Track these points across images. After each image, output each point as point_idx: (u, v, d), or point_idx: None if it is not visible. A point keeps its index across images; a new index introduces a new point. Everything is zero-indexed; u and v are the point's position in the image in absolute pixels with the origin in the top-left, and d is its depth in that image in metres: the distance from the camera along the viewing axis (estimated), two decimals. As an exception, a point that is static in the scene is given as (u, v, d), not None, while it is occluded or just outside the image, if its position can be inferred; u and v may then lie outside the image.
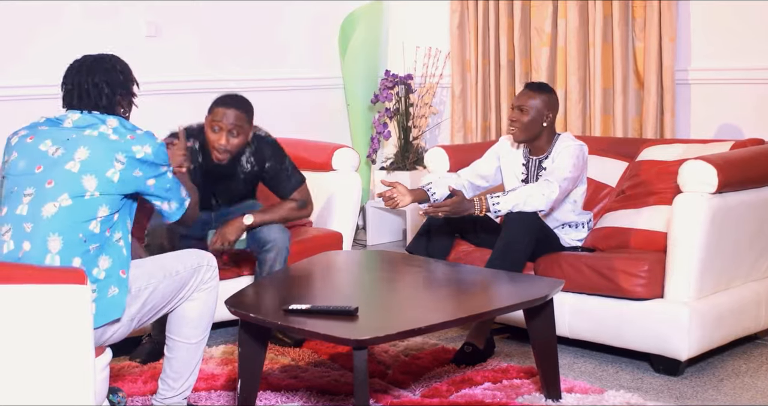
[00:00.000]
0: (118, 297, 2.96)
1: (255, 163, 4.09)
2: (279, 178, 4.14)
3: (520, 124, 4.14)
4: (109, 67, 3.11)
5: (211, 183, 4.10)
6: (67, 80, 3.11)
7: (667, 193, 4.12)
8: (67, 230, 2.90)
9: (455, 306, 3.21)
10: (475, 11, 5.78)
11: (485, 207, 3.94)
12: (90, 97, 3.06)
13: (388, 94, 6.03)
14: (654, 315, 3.78)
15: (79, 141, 2.99)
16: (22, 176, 2.99)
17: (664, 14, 4.96)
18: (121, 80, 3.12)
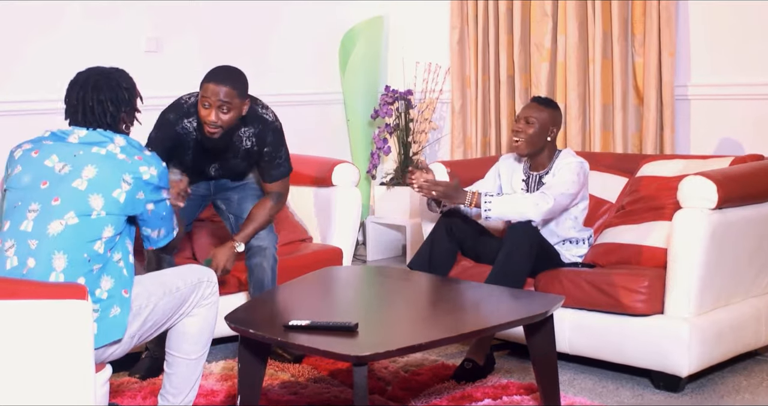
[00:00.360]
0: (120, 317, 2.94)
1: (255, 144, 4.04)
2: (270, 165, 4.10)
3: (526, 136, 4.16)
4: (115, 84, 3.08)
5: (211, 157, 4.06)
6: (71, 95, 3.08)
7: (667, 208, 4.12)
8: (72, 248, 2.89)
9: (455, 322, 3.20)
10: (475, 27, 5.79)
11: (476, 201, 4.01)
12: (94, 114, 3.04)
13: (388, 109, 6.04)
14: (654, 331, 3.78)
15: (86, 158, 2.97)
16: (26, 191, 2.97)
17: (664, 30, 4.97)
18: (126, 98, 3.09)
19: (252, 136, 4.01)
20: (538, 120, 4.16)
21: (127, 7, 5.23)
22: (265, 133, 4.02)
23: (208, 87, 3.80)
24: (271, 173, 4.11)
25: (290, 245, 4.79)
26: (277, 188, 4.15)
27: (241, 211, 4.20)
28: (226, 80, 3.81)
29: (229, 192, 4.23)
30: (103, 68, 3.12)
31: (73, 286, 2.71)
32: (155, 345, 3.91)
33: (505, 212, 3.99)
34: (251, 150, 4.04)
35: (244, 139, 4.01)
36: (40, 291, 2.62)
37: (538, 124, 4.16)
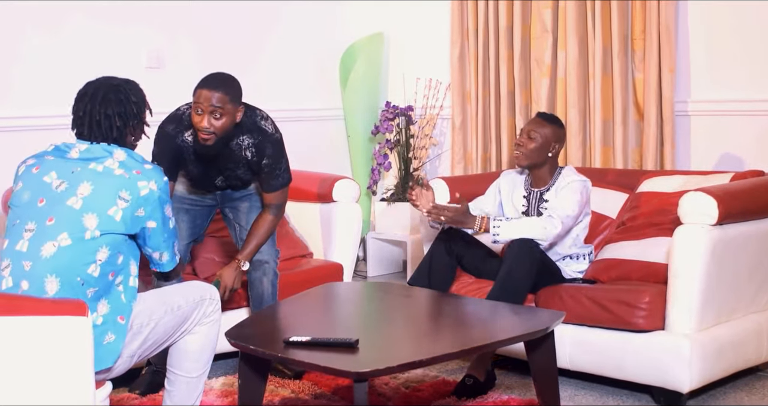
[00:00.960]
0: (114, 344, 2.91)
1: (255, 155, 4.01)
2: (269, 176, 4.06)
3: (526, 150, 4.19)
4: (124, 98, 3.03)
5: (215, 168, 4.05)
6: (79, 106, 3.04)
7: (667, 224, 4.12)
8: (64, 272, 2.85)
9: (456, 338, 3.20)
10: (476, 43, 5.80)
11: (485, 226, 4.01)
12: (101, 127, 3.00)
13: (388, 125, 6.05)
14: (655, 347, 3.77)
15: (83, 175, 2.94)
16: (24, 209, 2.95)
17: (664, 46, 4.99)
18: (134, 112, 3.05)
19: (251, 147, 3.99)
20: (540, 135, 4.18)
21: (128, 22, 5.24)
22: (264, 145, 3.99)
23: (201, 93, 3.77)
24: (271, 183, 4.09)
25: (291, 261, 4.79)
26: (276, 200, 4.13)
27: (248, 221, 4.20)
28: (219, 86, 3.78)
29: (236, 202, 4.24)
30: (113, 80, 3.08)
31: (73, 302, 2.70)
32: (158, 358, 3.89)
33: (514, 235, 3.99)
34: (251, 161, 4.02)
35: (243, 149, 3.99)
36: (40, 307, 2.61)
37: (539, 138, 4.18)
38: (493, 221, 4.02)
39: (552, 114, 4.39)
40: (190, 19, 5.52)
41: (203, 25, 5.57)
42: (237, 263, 4.08)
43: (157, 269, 3.16)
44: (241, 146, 3.97)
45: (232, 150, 3.97)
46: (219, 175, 4.09)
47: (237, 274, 4.08)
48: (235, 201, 4.24)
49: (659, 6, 4.97)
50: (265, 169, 4.04)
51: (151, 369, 4.01)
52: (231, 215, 4.27)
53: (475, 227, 4.04)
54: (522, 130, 4.27)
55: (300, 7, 6.04)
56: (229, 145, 3.94)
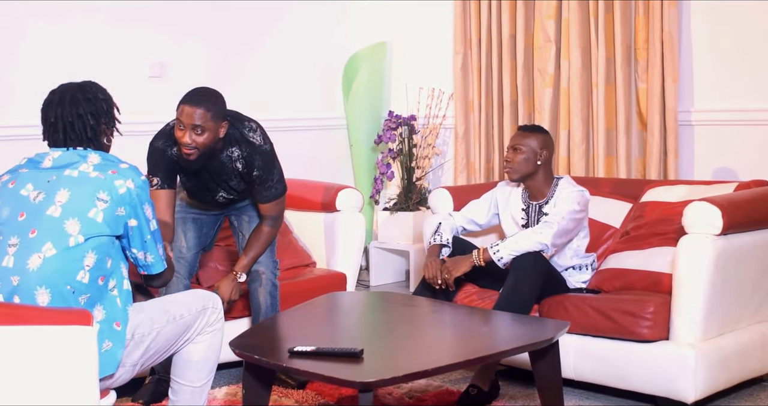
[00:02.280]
0: (113, 351, 2.88)
1: (245, 166, 3.98)
2: (262, 187, 4.04)
3: (514, 163, 4.23)
4: (92, 96, 3.00)
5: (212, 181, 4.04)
6: (49, 113, 2.99)
7: (671, 234, 4.12)
8: (53, 282, 2.81)
9: (461, 348, 3.19)
10: (479, 53, 5.80)
11: (484, 257, 4.08)
12: (75, 130, 2.96)
13: (391, 134, 6.05)
14: (660, 357, 3.76)
15: (59, 183, 2.89)
16: (6, 225, 2.90)
17: (667, 56, 4.99)
18: (104, 109, 3.01)
19: (241, 159, 3.97)
20: (524, 146, 4.21)
21: (131, 32, 5.25)
22: (252, 157, 3.96)
23: (183, 109, 3.76)
24: (264, 194, 4.06)
25: (294, 270, 4.79)
26: (271, 211, 4.11)
27: (250, 230, 4.20)
28: (201, 102, 3.75)
29: (240, 210, 4.24)
30: (74, 83, 3.05)
31: (77, 311, 2.69)
32: (161, 366, 3.88)
33: (515, 248, 4.01)
34: (242, 172, 4.00)
35: (233, 161, 3.96)
36: (44, 317, 2.61)
37: (525, 150, 4.21)
38: (491, 248, 4.07)
39: (533, 124, 4.44)
40: (193, 28, 5.53)
41: (206, 35, 5.58)
42: (233, 275, 4.08)
43: (145, 272, 3.09)
44: (231, 158, 3.96)
45: (223, 163, 3.96)
46: (217, 188, 4.08)
47: (234, 285, 4.08)
48: (239, 209, 4.24)
49: (662, 16, 4.98)
50: (257, 180, 4.02)
51: (154, 378, 4.00)
52: (236, 223, 4.27)
53: (475, 263, 4.10)
54: (507, 147, 4.30)
55: (303, 16, 6.05)
56: (219, 158, 3.93)
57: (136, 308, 3.04)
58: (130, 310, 2.99)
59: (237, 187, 4.08)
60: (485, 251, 4.09)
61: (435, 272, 4.12)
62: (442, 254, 4.26)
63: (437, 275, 4.11)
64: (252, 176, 4.00)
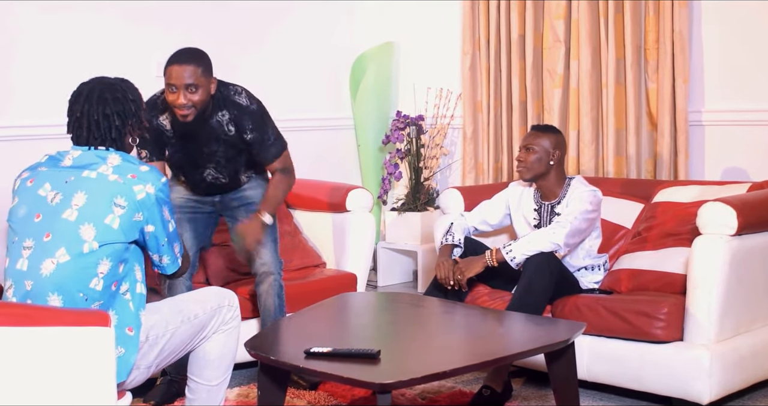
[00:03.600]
0: (125, 357, 2.86)
1: (236, 130, 3.95)
2: (261, 148, 4.01)
3: (527, 163, 4.23)
4: (121, 96, 2.95)
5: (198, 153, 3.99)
6: (75, 107, 2.95)
7: (684, 234, 4.11)
8: (66, 288, 2.79)
9: (478, 350, 3.17)
10: (487, 53, 5.79)
11: (497, 257, 4.07)
12: (100, 129, 2.91)
13: (399, 135, 6.03)
14: (674, 358, 3.75)
15: (77, 184, 2.85)
16: (21, 225, 2.88)
17: (678, 56, 4.97)
18: (132, 110, 2.97)
19: (230, 122, 3.93)
20: (537, 146, 4.22)
21: (138, 31, 5.23)
22: (241, 118, 3.93)
23: (172, 70, 3.74)
24: (266, 156, 4.04)
25: (304, 270, 4.78)
26: (278, 165, 4.08)
27: None
28: (189, 60, 3.75)
29: (234, 210, 4.21)
30: (107, 79, 3.01)
31: (95, 312, 2.68)
32: (173, 368, 3.87)
33: (528, 248, 4.01)
34: (234, 136, 3.95)
35: (224, 125, 3.93)
36: (62, 318, 2.60)
37: (538, 150, 4.21)
38: (503, 249, 4.06)
39: (546, 124, 4.45)
40: (200, 28, 5.50)
41: (213, 35, 5.55)
42: (258, 219, 4.02)
43: (159, 271, 3.09)
44: (221, 122, 3.92)
45: (212, 128, 3.92)
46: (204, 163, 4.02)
47: (259, 226, 4.01)
48: (233, 210, 4.21)
49: (673, 16, 4.96)
50: (255, 144, 3.98)
51: (166, 379, 3.98)
52: (230, 224, 4.25)
53: (489, 263, 4.09)
54: (520, 146, 4.30)
55: (310, 16, 6.03)
56: (209, 124, 3.91)
57: (150, 308, 3.02)
58: (143, 313, 2.96)
59: (225, 158, 4.00)
60: (498, 252, 4.08)
61: (447, 272, 4.11)
62: (454, 254, 4.25)
63: (450, 276, 4.09)
64: (246, 141, 3.97)
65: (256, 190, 4.20)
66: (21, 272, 2.84)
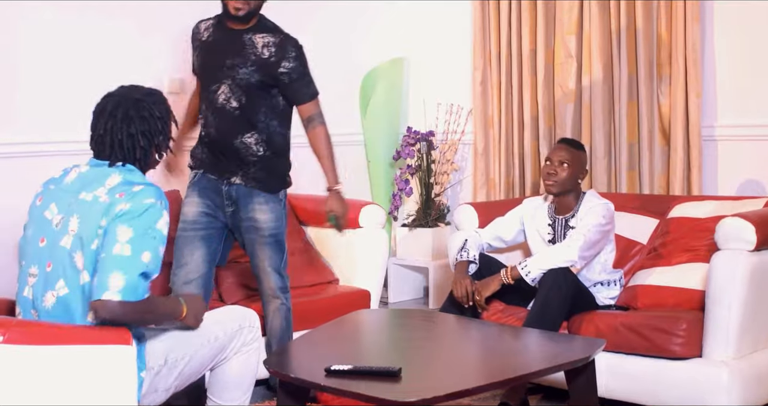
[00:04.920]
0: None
1: (273, 54, 3.89)
2: (300, 83, 3.97)
3: (560, 178, 4.21)
4: (147, 114, 2.83)
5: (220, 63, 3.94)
6: (99, 123, 2.84)
7: (701, 250, 4.09)
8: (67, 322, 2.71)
9: (499, 367, 3.15)
10: (498, 68, 5.79)
11: (512, 274, 4.08)
12: (123, 148, 2.81)
13: (410, 150, 6.02)
14: (693, 375, 3.73)
15: (74, 208, 2.74)
16: (28, 247, 2.82)
17: (690, 71, 4.96)
18: (159, 128, 2.86)
19: (271, 46, 3.90)
20: (571, 163, 4.21)
21: (150, 48, 5.21)
22: (285, 45, 3.91)
23: None
24: (304, 92, 4.00)
25: (317, 287, 4.76)
26: (314, 108, 4.05)
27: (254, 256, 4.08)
28: None
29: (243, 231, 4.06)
30: (134, 92, 2.89)
31: (116, 330, 2.67)
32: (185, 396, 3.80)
33: (544, 265, 4.01)
34: (267, 61, 3.89)
35: (259, 46, 3.90)
36: (84, 336, 2.59)
37: (571, 166, 4.21)
38: (519, 266, 4.06)
39: (574, 139, 4.42)
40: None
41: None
42: (334, 192, 4.06)
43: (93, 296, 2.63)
44: (255, 43, 3.91)
45: (244, 43, 3.91)
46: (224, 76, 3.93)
47: (341, 199, 4.06)
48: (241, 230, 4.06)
49: (686, 31, 4.96)
50: (292, 75, 3.93)
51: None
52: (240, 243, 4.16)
53: (504, 281, 4.09)
54: (550, 159, 4.26)
55: (320, 32, 6.02)
56: (241, 38, 3.91)
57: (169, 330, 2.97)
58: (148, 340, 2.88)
59: (243, 77, 3.91)
60: (513, 269, 4.06)
61: (464, 291, 4.09)
62: (469, 270, 4.23)
63: (467, 295, 4.07)
64: (280, 70, 3.91)
65: (266, 215, 4.04)
66: (27, 301, 2.80)
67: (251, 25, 3.93)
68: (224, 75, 3.94)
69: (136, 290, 2.64)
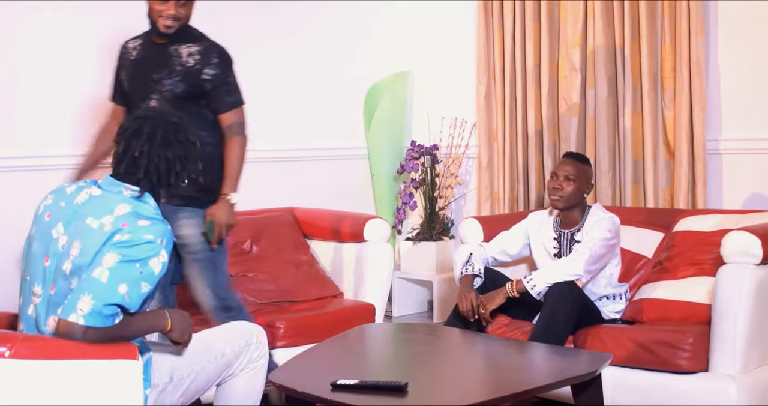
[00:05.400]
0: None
1: (198, 62, 3.82)
2: (222, 90, 3.86)
3: (566, 193, 4.21)
4: (184, 139, 2.83)
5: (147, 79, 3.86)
6: (133, 144, 2.79)
7: (707, 264, 4.09)
8: None
9: (506, 381, 3.14)
10: (502, 82, 5.79)
11: (517, 288, 4.07)
12: (159, 172, 2.79)
13: (414, 164, 6.02)
14: (700, 389, 3.71)
15: (78, 233, 2.70)
16: (32, 263, 2.79)
17: (695, 84, 4.96)
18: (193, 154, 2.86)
19: (195, 54, 3.84)
20: (576, 177, 4.21)
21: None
22: (209, 52, 3.84)
23: None
24: (225, 100, 3.87)
25: (322, 301, 4.75)
26: (233, 117, 3.88)
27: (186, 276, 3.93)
28: None
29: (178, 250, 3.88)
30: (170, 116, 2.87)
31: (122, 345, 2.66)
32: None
33: (549, 278, 4.01)
34: (192, 69, 3.82)
35: (184, 55, 3.84)
36: (90, 351, 2.58)
37: (577, 180, 4.21)
38: (524, 279, 4.06)
39: (579, 153, 4.42)
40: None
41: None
42: (224, 199, 3.81)
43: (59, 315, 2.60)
44: (180, 53, 3.84)
45: (170, 54, 3.86)
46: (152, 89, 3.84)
47: (228, 208, 3.80)
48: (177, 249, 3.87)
49: (690, 44, 4.96)
50: (214, 81, 3.83)
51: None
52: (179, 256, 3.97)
53: (510, 295, 4.09)
54: (555, 174, 4.26)
55: (324, 45, 6.03)
56: (167, 49, 3.86)
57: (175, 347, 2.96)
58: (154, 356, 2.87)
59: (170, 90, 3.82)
60: (519, 283, 4.06)
61: (469, 305, 4.08)
62: (474, 284, 4.23)
63: (473, 308, 4.07)
64: (203, 77, 3.82)
65: (191, 230, 3.85)
66: (31, 319, 2.78)
67: (177, 37, 3.86)
68: (152, 90, 3.88)
69: (101, 316, 2.58)
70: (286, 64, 5.87)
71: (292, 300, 4.69)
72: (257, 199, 5.37)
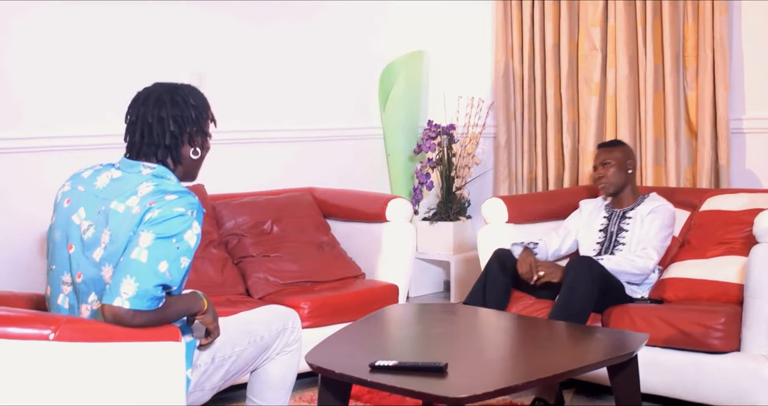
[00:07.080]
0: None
1: None
2: None
3: (608, 178, 4.39)
4: (181, 100, 2.70)
5: None
6: (132, 111, 2.72)
7: (736, 243, 4.07)
8: None
9: (546, 362, 3.10)
10: (521, 61, 5.75)
11: None
12: (153, 134, 2.67)
13: (431, 144, 5.98)
14: (732, 369, 3.69)
15: (105, 218, 2.61)
16: (56, 251, 2.72)
17: (718, 63, 4.92)
18: (192, 117, 2.71)
19: None
20: (613, 160, 4.38)
21: (169, 43, 5.16)
22: None
23: None
24: None
25: (344, 281, 4.72)
26: None
27: None
28: None
29: None
30: (171, 83, 2.78)
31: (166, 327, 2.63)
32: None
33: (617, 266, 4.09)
34: None
35: None
36: (133, 333, 2.55)
37: (614, 163, 4.37)
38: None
39: (611, 140, 4.60)
40: (231, 40, 5.44)
41: (243, 46, 5.50)
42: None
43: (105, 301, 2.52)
44: None
45: None
46: None
47: None
48: None
49: (713, 22, 4.91)
50: None
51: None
52: None
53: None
54: (594, 167, 4.45)
55: (339, 25, 5.98)
56: None
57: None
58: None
59: None
60: None
61: (528, 267, 4.13)
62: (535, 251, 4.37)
63: (531, 270, 4.11)
64: None
65: None
66: (62, 308, 2.74)
67: None
68: None
69: (147, 298, 2.53)
70: (301, 44, 5.82)
71: (315, 280, 4.66)
72: (275, 180, 5.34)
